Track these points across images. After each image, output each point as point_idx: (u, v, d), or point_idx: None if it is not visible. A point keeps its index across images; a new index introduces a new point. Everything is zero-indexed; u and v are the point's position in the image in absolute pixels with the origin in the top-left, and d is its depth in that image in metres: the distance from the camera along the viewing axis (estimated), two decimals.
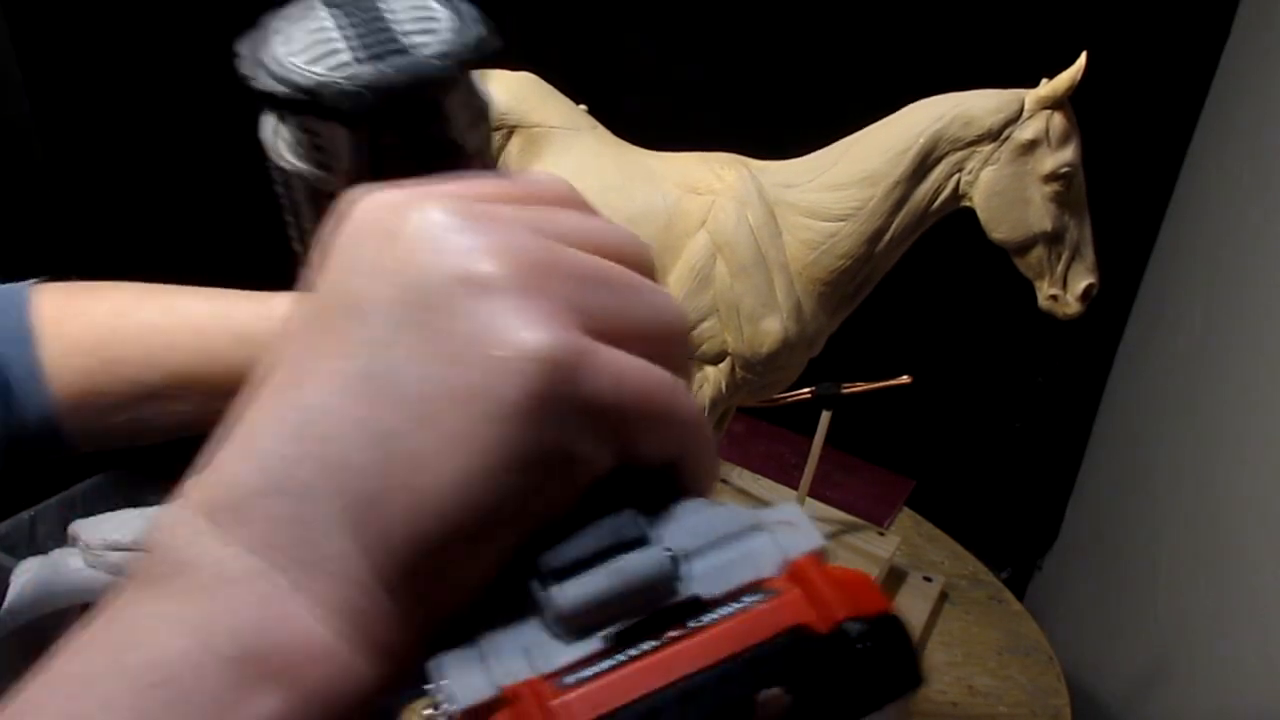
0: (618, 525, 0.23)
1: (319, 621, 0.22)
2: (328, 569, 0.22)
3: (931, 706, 0.85)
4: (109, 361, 0.59)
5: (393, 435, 0.22)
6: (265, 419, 0.24)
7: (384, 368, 0.23)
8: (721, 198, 0.72)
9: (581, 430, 0.22)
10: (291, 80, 0.29)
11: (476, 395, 0.22)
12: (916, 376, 0.94)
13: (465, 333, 0.22)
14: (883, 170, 0.69)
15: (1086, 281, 0.69)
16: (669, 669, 0.20)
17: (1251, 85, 1.27)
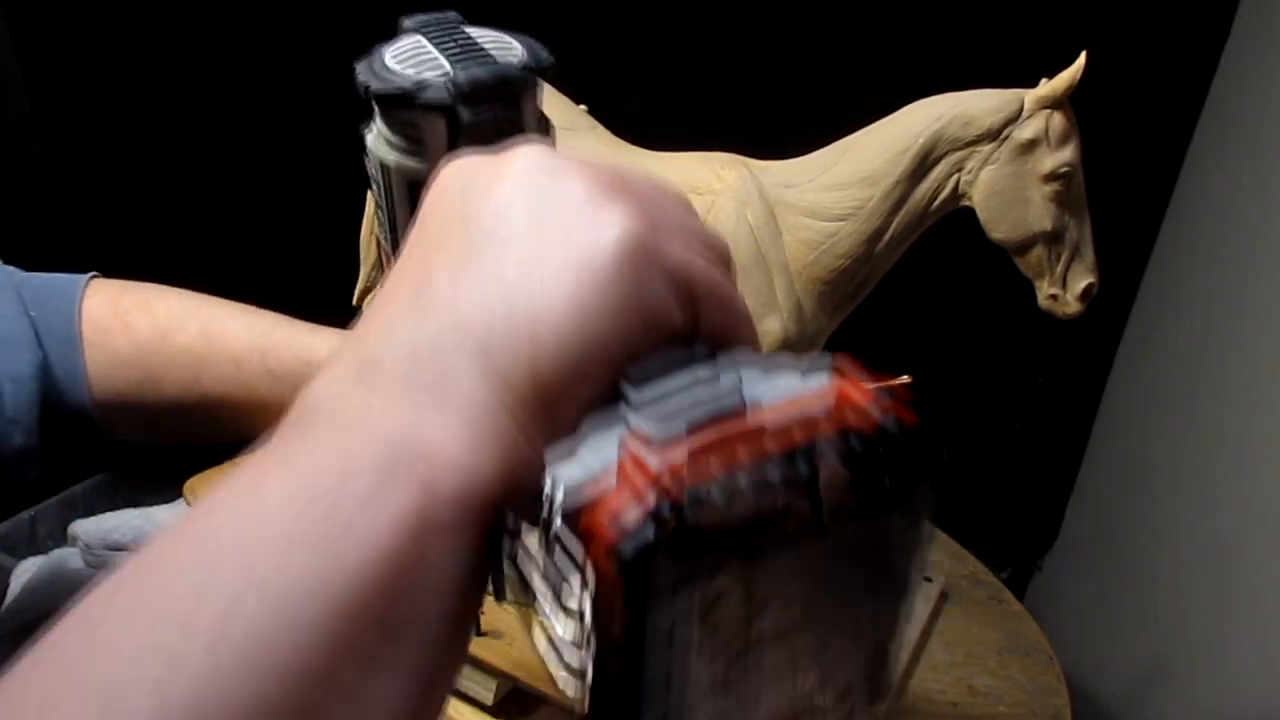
0: (691, 350, 0.28)
1: (451, 438, 0.26)
2: (458, 402, 0.26)
3: (931, 706, 0.85)
4: (147, 380, 0.61)
5: (507, 298, 0.27)
6: (394, 307, 0.29)
7: (494, 255, 0.28)
8: (721, 198, 0.72)
9: (662, 290, 0.28)
10: (400, 82, 0.37)
11: (582, 263, 0.27)
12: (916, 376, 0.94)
13: (569, 219, 0.28)
14: (882, 170, 0.69)
15: (1086, 281, 0.69)
16: (739, 442, 0.25)
17: (1251, 85, 1.27)
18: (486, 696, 0.69)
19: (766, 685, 0.27)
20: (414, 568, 0.24)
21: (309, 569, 0.23)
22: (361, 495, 0.24)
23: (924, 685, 0.87)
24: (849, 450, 0.25)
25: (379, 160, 0.40)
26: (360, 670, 0.23)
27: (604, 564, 0.24)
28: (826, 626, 0.27)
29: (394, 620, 0.23)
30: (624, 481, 0.24)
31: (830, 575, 0.26)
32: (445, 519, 0.25)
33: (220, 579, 0.22)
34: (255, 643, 0.21)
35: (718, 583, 0.24)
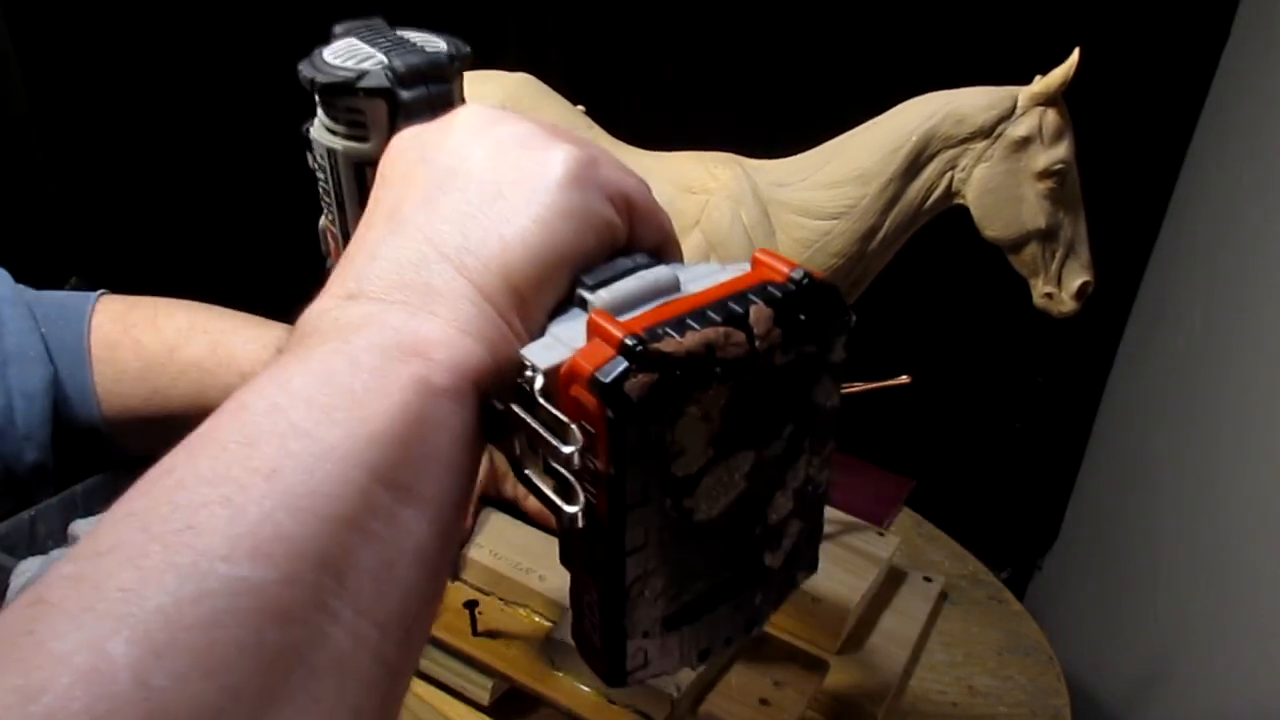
0: (635, 256, 0.35)
1: (440, 327, 0.30)
2: (445, 297, 0.31)
3: (931, 706, 0.85)
4: (155, 393, 0.62)
5: (473, 216, 0.32)
6: (373, 235, 0.33)
7: (456, 188, 0.33)
8: (716, 196, 0.71)
9: (602, 199, 0.34)
10: (341, 72, 0.41)
11: (536, 185, 0.32)
12: (916, 376, 0.94)
13: (517, 153, 0.33)
14: (875, 168, 0.69)
15: (1081, 279, 0.68)
16: (684, 306, 0.31)
17: (1251, 84, 1.27)
18: (483, 696, 0.69)
19: (718, 494, 0.32)
20: (422, 420, 0.28)
21: (339, 422, 0.27)
22: (372, 371, 0.28)
23: (924, 685, 0.87)
24: (769, 295, 0.32)
25: (326, 148, 0.44)
26: (391, 496, 0.27)
27: (586, 398, 0.28)
28: (763, 467, 0.34)
29: (412, 461, 0.28)
30: (594, 337, 0.30)
31: (764, 399, 0.32)
32: (443, 383, 0.29)
33: (267, 433, 0.26)
34: (304, 475, 0.25)
35: (682, 402, 0.29)
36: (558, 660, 0.66)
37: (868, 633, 0.85)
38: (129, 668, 0.21)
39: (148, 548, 0.23)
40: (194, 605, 0.23)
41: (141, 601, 0.22)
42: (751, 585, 0.36)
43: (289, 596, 0.24)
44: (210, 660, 0.22)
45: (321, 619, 0.24)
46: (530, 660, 0.66)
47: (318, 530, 0.25)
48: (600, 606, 0.32)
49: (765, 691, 0.68)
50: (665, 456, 0.30)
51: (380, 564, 0.26)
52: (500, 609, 0.71)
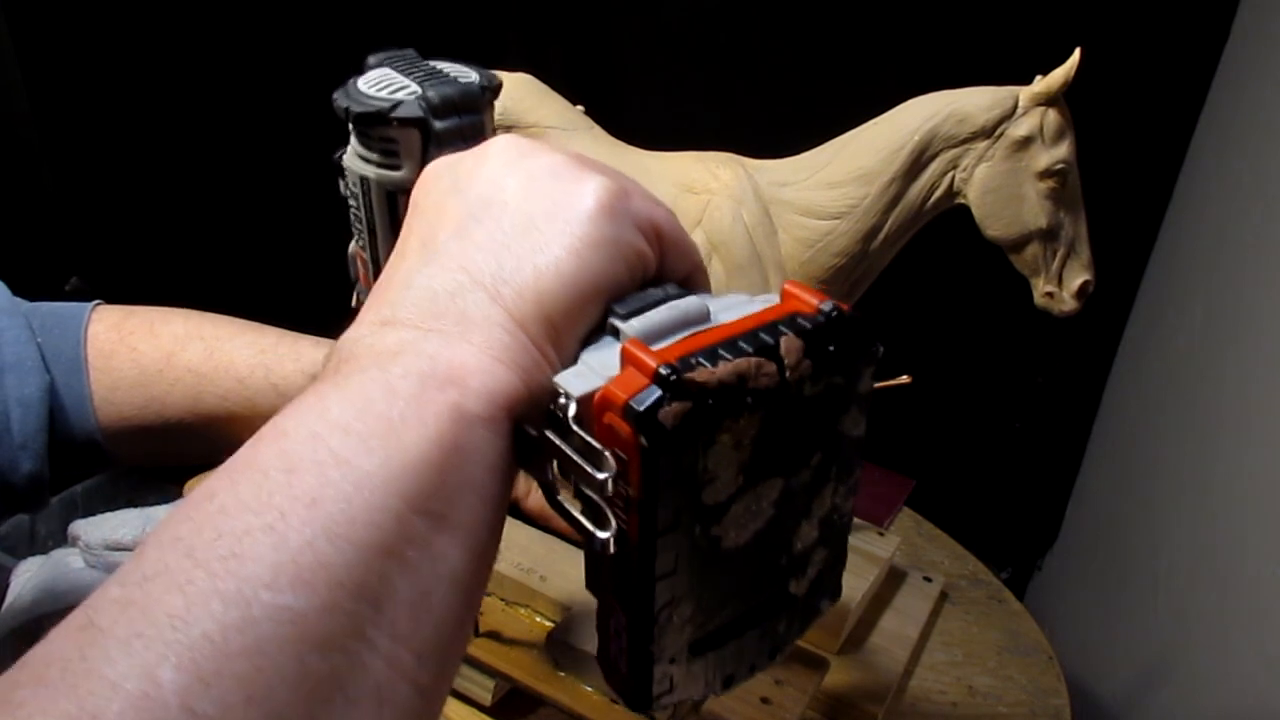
0: (666, 286, 0.35)
1: (475, 355, 0.31)
2: (480, 325, 0.31)
3: (931, 706, 0.85)
4: (152, 400, 0.61)
5: (507, 247, 0.33)
6: (408, 264, 0.34)
7: (491, 218, 0.34)
8: (717, 196, 0.71)
9: (634, 230, 0.34)
10: (376, 102, 0.42)
11: (569, 216, 0.33)
12: (916, 376, 0.94)
13: (550, 184, 0.34)
14: (877, 168, 0.69)
15: (1082, 278, 0.69)
16: (716, 336, 0.32)
17: (1251, 84, 1.27)
18: (485, 697, 0.69)
19: (746, 522, 0.33)
20: (458, 449, 0.29)
21: (375, 450, 0.27)
22: (408, 399, 0.29)
23: (924, 685, 0.87)
24: (799, 326, 0.33)
25: (359, 175, 0.45)
26: (427, 524, 0.27)
27: (620, 425, 0.29)
28: (789, 498, 0.34)
29: (447, 489, 0.28)
30: (627, 365, 0.31)
31: (793, 429, 0.33)
32: (478, 410, 0.30)
33: (308, 461, 0.27)
34: (343, 503, 0.26)
35: (714, 431, 0.30)
36: (560, 660, 0.66)
37: (868, 633, 0.85)
38: (177, 694, 0.22)
39: (193, 574, 0.24)
40: (239, 633, 0.23)
41: (188, 629, 0.23)
42: (777, 613, 0.37)
43: (329, 625, 0.24)
44: (254, 688, 0.23)
45: (360, 647, 0.25)
46: (532, 661, 0.66)
47: (356, 559, 0.25)
48: (628, 632, 0.33)
49: (766, 690, 0.68)
50: (696, 484, 0.30)
51: (417, 592, 0.27)
52: (501, 609, 0.71)
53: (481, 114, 0.44)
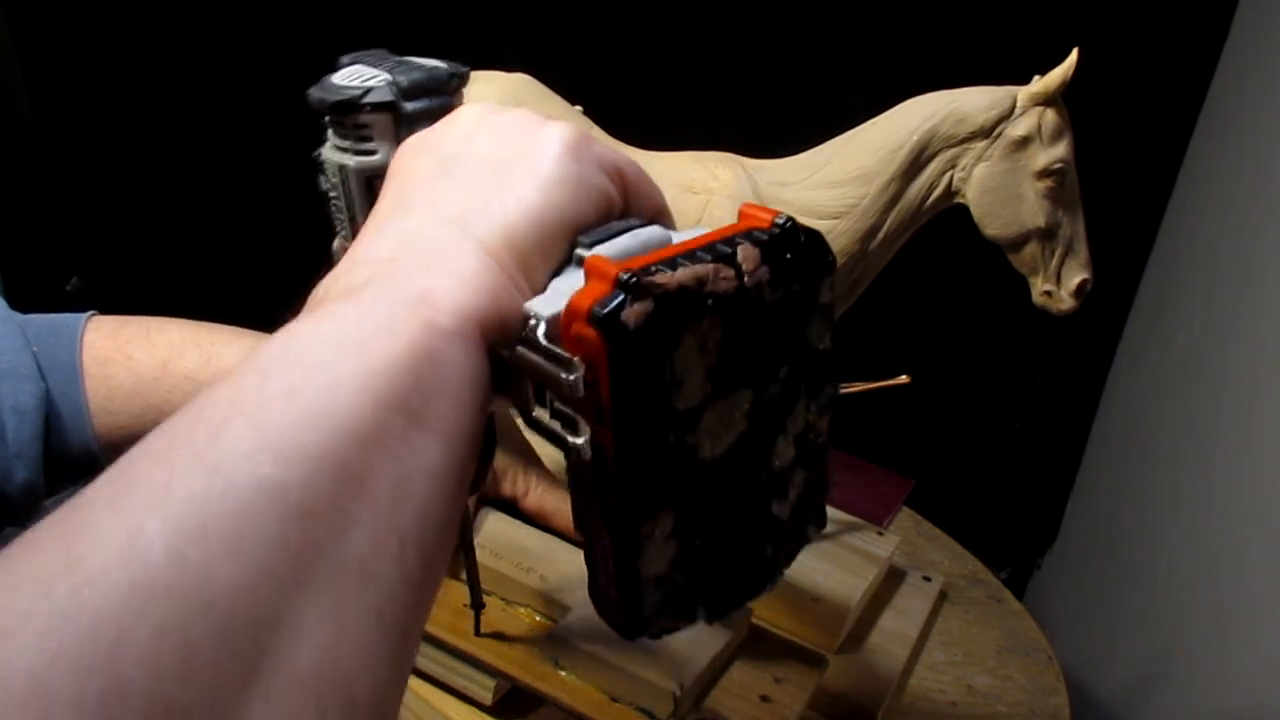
0: (629, 219, 0.37)
1: (447, 275, 0.32)
2: (449, 254, 0.33)
3: (931, 706, 0.85)
4: (149, 408, 0.61)
5: (475, 186, 0.35)
6: (378, 219, 0.36)
7: (462, 167, 0.36)
8: (717, 196, 0.72)
9: (597, 170, 0.36)
10: (349, 90, 0.44)
11: (532, 150, 0.36)
12: (916, 376, 0.94)
13: (517, 135, 0.37)
14: (876, 168, 0.69)
15: (1080, 277, 0.69)
16: (675, 250, 0.33)
17: (1251, 84, 1.27)
18: (486, 696, 0.69)
19: (720, 431, 0.34)
20: (429, 357, 0.30)
21: (350, 355, 0.29)
22: (379, 316, 0.30)
23: (923, 685, 0.87)
24: (755, 238, 0.34)
25: (337, 165, 0.46)
26: (403, 420, 0.28)
27: (586, 332, 0.30)
28: (763, 410, 0.35)
29: (421, 390, 0.29)
30: (591, 278, 0.32)
31: (757, 337, 0.34)
32: (448, 325, 0.31)
33: (283, 365, 0.28)
34: (320, 396, 0.27)
35: (676, 333, 0.31)
36: (561, 659, 0.66)
37: (867, 632, 0.85)
38: (163, 544, 0.23)
39: (176, 453, 0.25)
40: (221, 497, 0.24)
41: (172, 492, 0.24)
42: (762, 536, 0.38)
43: (310, 497, 0.26)
44: (239, 544, 0.24)
45: (343, 522, 0.26)
46: (533, 660, 0.67)
47: (335, 441, 0.27)
48: (614, 552, 0.33)
49: (766, 688, 0.68)
50: (665, 388, 0.32)
51: (397, 478, 0.28)
52: (502, 609, 0.71)
53: (449, 97, 0.46)
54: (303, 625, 0.25)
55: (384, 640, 0.27)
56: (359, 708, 0.26)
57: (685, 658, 0.65)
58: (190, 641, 0.22)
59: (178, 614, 0.22)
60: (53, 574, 0.22)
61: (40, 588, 0.22)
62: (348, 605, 0.26)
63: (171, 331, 0.64)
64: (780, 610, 0.81)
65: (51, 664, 0.21)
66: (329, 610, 0.25)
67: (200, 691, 0.22)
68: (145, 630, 0.22)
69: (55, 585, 0.22)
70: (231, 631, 0.23)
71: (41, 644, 0.21)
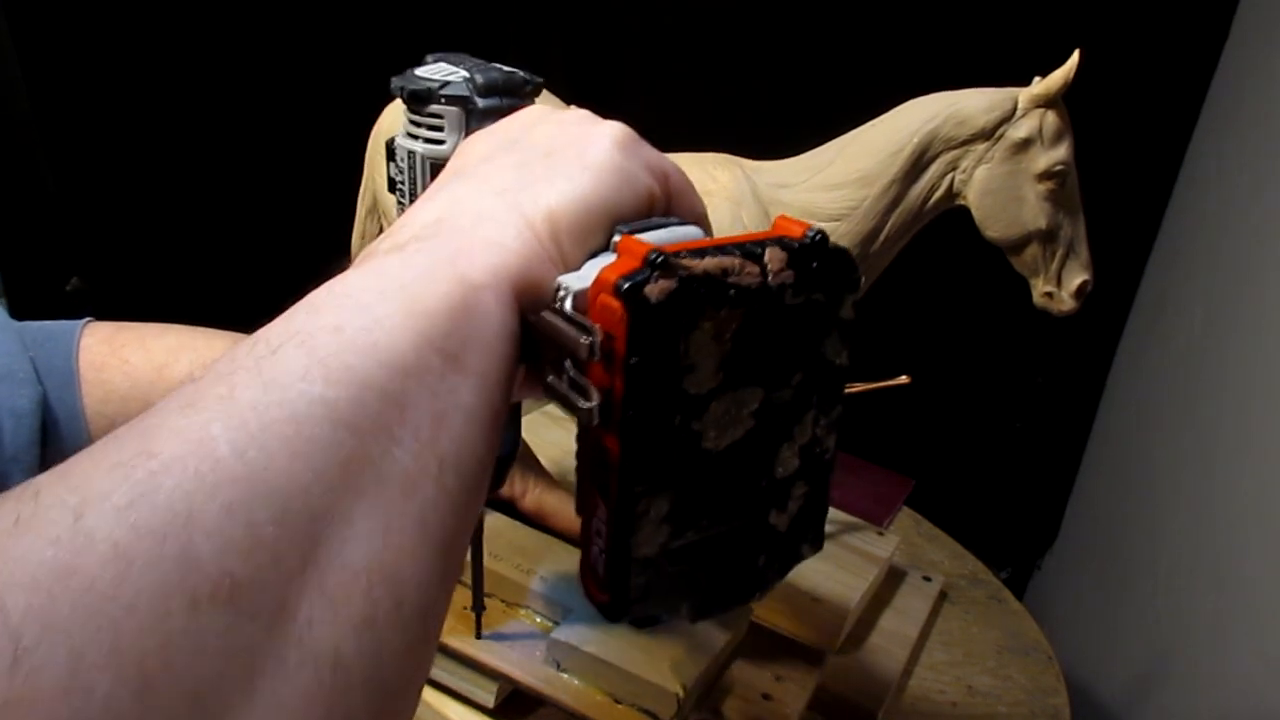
0: (669, 217, 0.38)
1: (486, 238, 0.34)
2: (492, 220, 0.35)
3: (931, 706, 0.85)
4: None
5: (528, 164, 0.37)
6: (433, 189, 0.38)
7: (517, 152, 0.38)
8: (716, 198, 0.72)
9: (644, 168, 0.38)
10: (428, 81, 0.48)
11: (586, 139, 0.38)
12: (916, 376, 0.94)
13: (575, 128, 0.39)
14: (877, 170, 0.69)
15: (1081, 278, 0.69)
16: (707, 243, 0.34)
17: (1251, 84, 1.27)
18: (488, 699, 0.69)
19: (726, 424, 0.35)
20: (465, 306, 0.32)
21: (391, 298, 0.31)
22: (419, 267, 0.32)
23: (923, 685, 0.87)
24: (785, 243, 0.35)
25: (407, 150, 0.50)
26: (440, 360, 0.30)
27: (610, 302, 0.32)
28: (771, 414, 0.36)
29: (458, 336, 0.31)
30: (622, 255, 0.33)
31: (775, 338, 0.35)
32: (483, 280, 0.33)
33: (330, 305, 0.31)
34: (364, 332, 0.29)
35: (695, 316, 0.32)
36: (562, 661, 0.66)
37: (867, 632, 0.85)
38: (228, 442, 0.25)
39: (234, 372, 0.28)
40: (279, 407, 0.27)
41: (234, 400, 0.27)
42: (757, 544, 0.38)
43: (358, 413, 0.28)
44: (295, 445, 0.26)
45: (386, 440, 0.28)
46: (534, 662, 0.67)
47: (379, 371, 0.29)
48: (608, 526, 0.34)
49: (767, 686, 0.68)
50: (677, 367, 0.33)
51: (435, 410, 0.30)
52: (502, 610, 0.71)
53: (521, 100, 0.49)
54: (353, 524, 0.27)
55: (427, 548, 0.29)
56: (406, 602, 0.28)
57: (687, 658, 0.65)
58: (254, 523, 0.25)
59: (243, 498, 0.25)
60: (130, 459, 0.25)
61: (121, 471, 0.24)
62: (394, 512, 0.28)
63: (167, 337, 0.64)
64: (780, 610, 0.81)
65: (131, 531, 0.23)
66: (377, 515, 0.27)
67: (262, 568, 0.25)
68: (214, 509, 0.24)
69: (134, 469, 0.24)
70: (290, 519, 0.25)
71: (122, 516, 0.23)
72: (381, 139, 0.81)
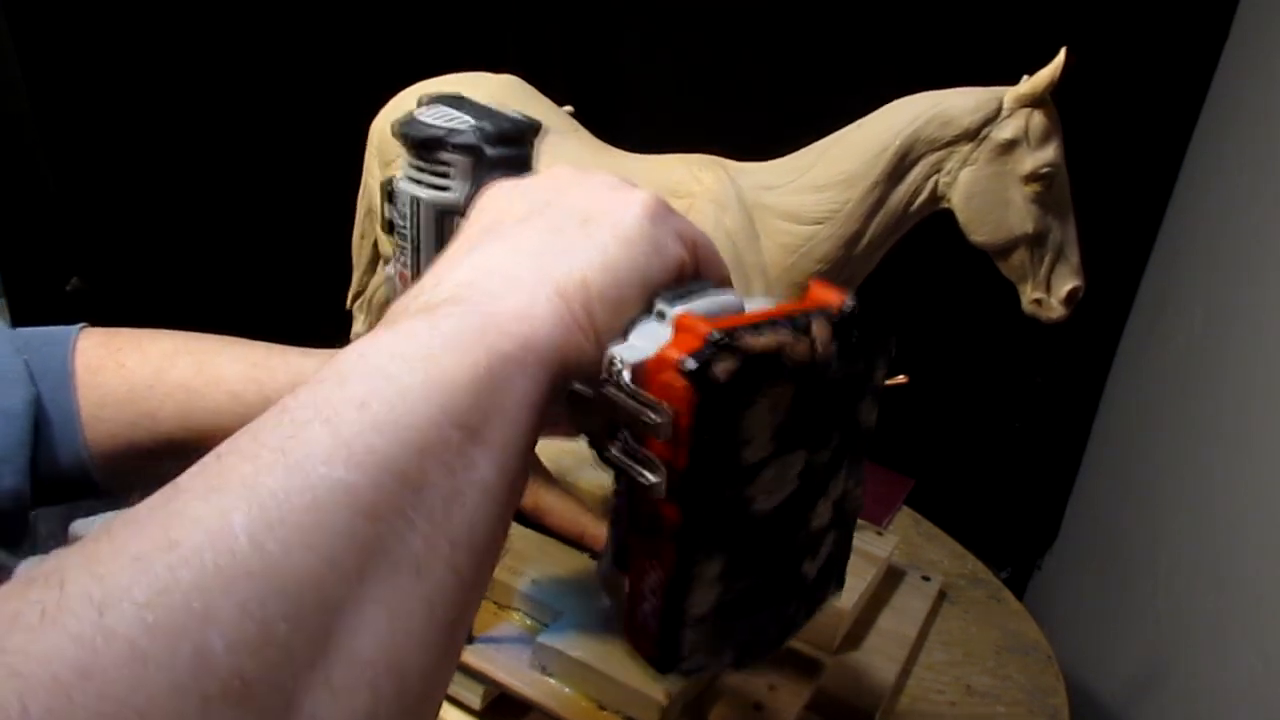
0: (704, 281, 0.39)
1: (518, 306, 0.34)
2: (524, 288, 0.35)
3: (929, 706, 0.85)
4: (141, 416, 0.61)
5: (560, 231, 0.37)
6: (463, 246, 0.38)
7: (558, 204, 0.39)
8: (699, 200, 0.71)
9: (675, 238, 0.39)
10: (435, 129, 0.48)
11: (619, 207, 0.38)
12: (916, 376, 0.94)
13: (605, 195, 0.39)
14: (860, 172, 0.68)
15: (1071, 284, 0.67)
16: (757, 317, 0.35)
17: (1251, 84, 1.27)
18: (474, 701, 0.69)
19: (774, 488, 0.36)
20: (491, 377, 0.32)
21: (418, 370, 0.31)
22: (448, 334, 0.32)
23: (922, 685, 0.86)
24: (827, 314, 0.37)
25: (410, 196, 0.50)
26: (461, 435, 0.31)
27: (675, 380, 0.33)
28: (811, 475, 0.38)
29: (480, 410, 0.31)
30: (681, 332, 0.34)
31: (819, 406, 0.37)
32: (510, 351, 0.33)
33: (358, 374, 0.31)
34: (388, 408, 0.30)
35: (754, 392, 0.34)
36: (549, 666, 0.66)
37: (866, 632, 0.85)
38: (247, 534, 0.26)
39: (260, 451, 0.28)
40: (299, 494, 0.27)
41: (256, 488, 0.27)
42: (789, 592, 0.40)
43: (376, 498, 0.28)
44: (312, 537, 0.27)
45: (401, 524, 0.29)
46: (521, 666, 0.66)
47: (400, 451, 0.29)
48: (664, 588, 0.36)
49: (759, 695, 0.68)
50: (736, 442, 0.34)
51: (451, 490, 0.30)
52: (493, 613, 0.71)
53: (527, 148, 0.50)
54: (364, 614, 0.27)
55: (434, 631, 0.29)
56: (409, 691, 0.28)
57: None
58: (268, 620, 0.25)
59: (258, 595, 0.25)
60: (151, 552, 0.25)
61: (140, 564, 0.25)
62: (403, 598, 0.28)
63: (164, 341, 0.64)
64: None
65: (148, 632, 0.24)
66: (387, 602, 0.28)
67: (272, 666, 0.25)
68: (229, 607, 0.25)
69: (154, 563, 0.25)
70: (303, 615, 0.26)
71: (140, 615, 0.24)
72: (379, 138, 0.80)
